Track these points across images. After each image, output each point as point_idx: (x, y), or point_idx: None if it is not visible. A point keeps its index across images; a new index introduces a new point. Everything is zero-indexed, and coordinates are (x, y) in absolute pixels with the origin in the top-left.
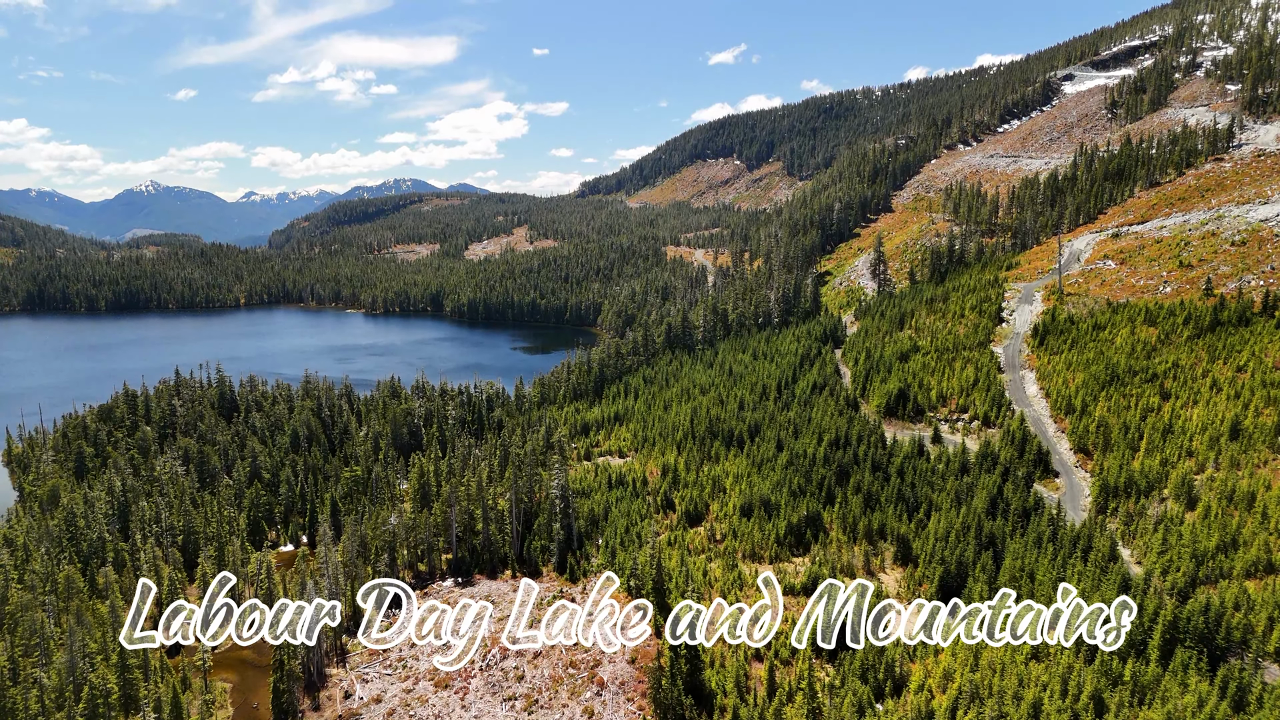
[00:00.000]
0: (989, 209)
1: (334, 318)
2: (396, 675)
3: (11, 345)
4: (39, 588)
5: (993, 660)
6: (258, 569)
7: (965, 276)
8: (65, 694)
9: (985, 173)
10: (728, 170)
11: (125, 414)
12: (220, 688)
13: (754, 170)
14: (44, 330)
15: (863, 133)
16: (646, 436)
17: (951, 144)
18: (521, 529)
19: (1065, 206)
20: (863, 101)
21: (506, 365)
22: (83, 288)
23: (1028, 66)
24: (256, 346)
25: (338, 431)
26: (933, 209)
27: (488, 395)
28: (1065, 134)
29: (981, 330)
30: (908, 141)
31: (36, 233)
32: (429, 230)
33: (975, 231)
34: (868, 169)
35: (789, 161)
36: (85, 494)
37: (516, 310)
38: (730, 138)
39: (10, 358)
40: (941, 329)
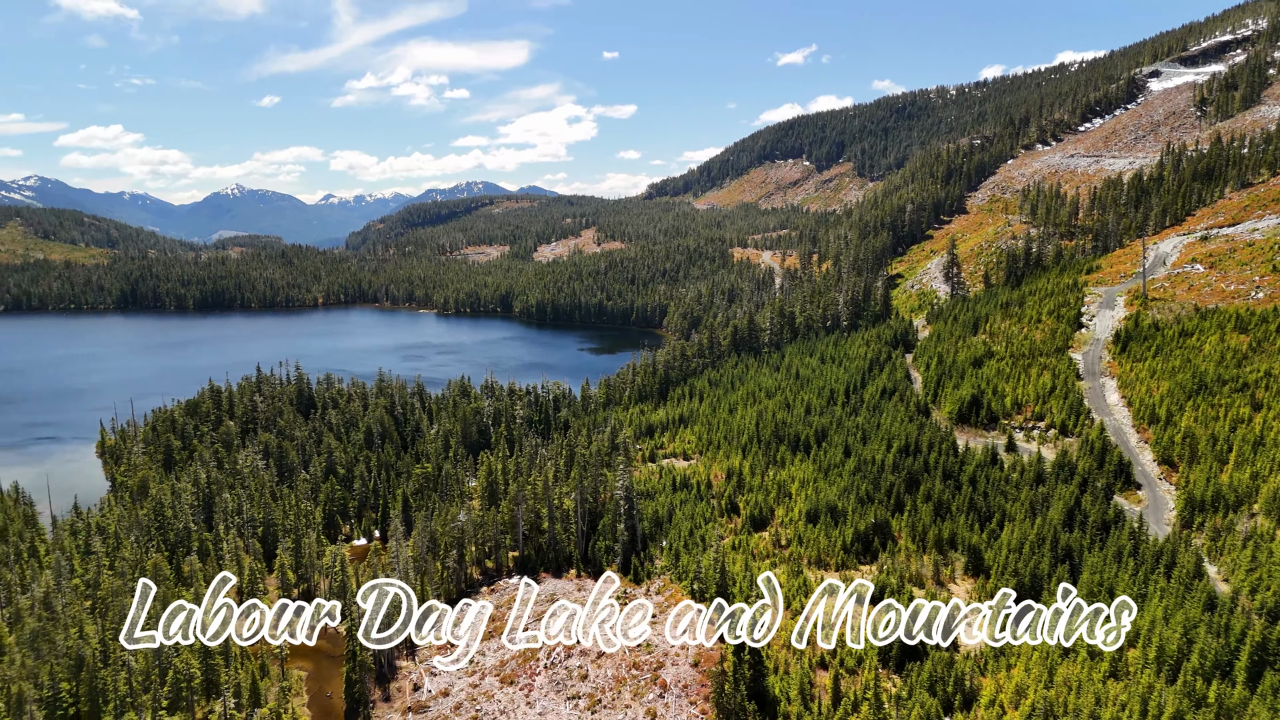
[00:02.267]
0: (1068, 211)
1: (407, 318)
2: (464, 670)
3: (105, 342)
4: (129, 574)
5: (1068, 677)
6: (332, 562)
7: (1043, 280)
8: (151, 677)
9: (1065, 173)
10: (796, 171)
11: (210, 409)
12: (296, 676)
13: (823, 171)
14: (135, 328)
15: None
16: (711, 440)
17: (1029, 144)
18: (586, 529)
19: (1150, 208)
20: (936, 101)
21: (573, 366)
22: (172, 287)
23: (1111, 63)
24: (333, 345)
25: (409, 429)
26: (1009, 211)
27: (554, 395)
28: (1151, 133)
29: (1059, 336)
30: (983, 141)
31: (130, 234)
32: (499, 232)
33: (1054, 234)
34: (941, 170)
35: (859, 162)
36: (172, 485)
37: (583, 311)
38: (799, 138)
39: (103, 354)
40: (1017, 334)
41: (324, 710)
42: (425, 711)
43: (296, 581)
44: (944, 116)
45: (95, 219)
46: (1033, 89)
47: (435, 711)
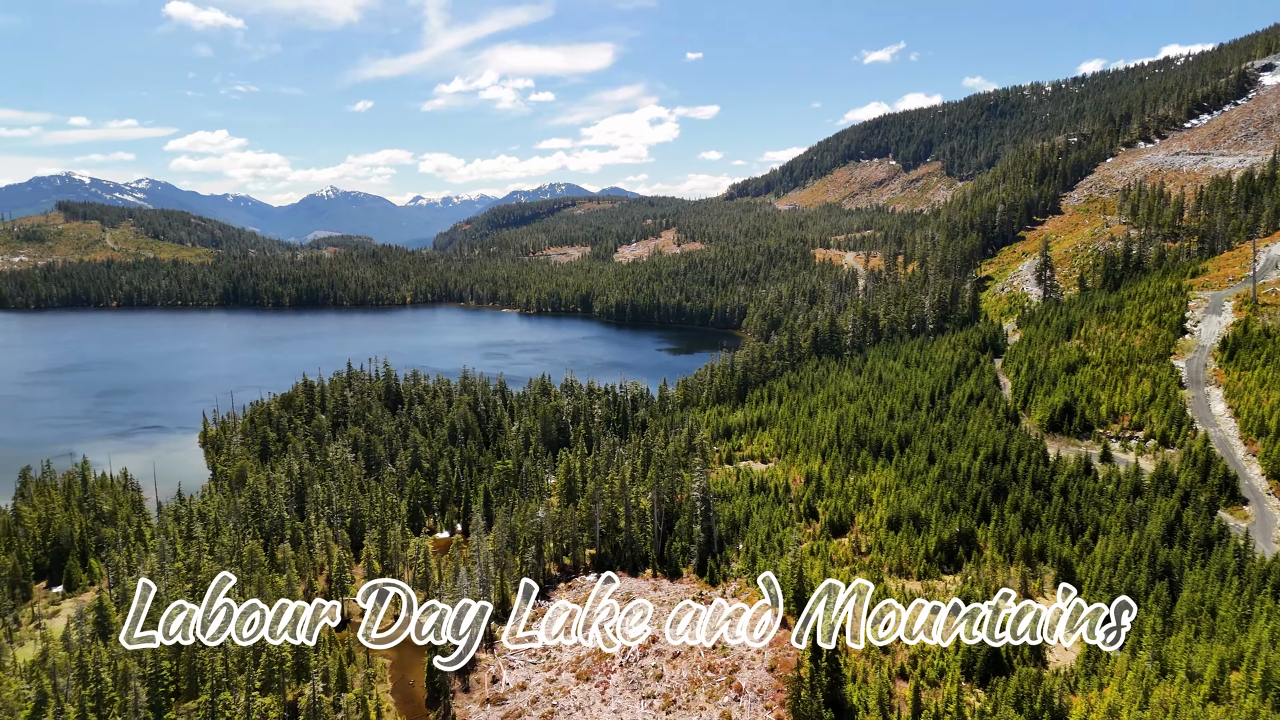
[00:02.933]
0: (1172, 211)
1: (491, 317)
2: (540, 665)
3: (208, 337)
4: (226, 559)
5: (1165, 699)
6: (416, 554)
7: (1143, 284)
8: (246, 659)
9: (1169, 172)
10: (882, 171)
11: (304, 403)
12: (380, 663)
13: (910, 171)
14: (236, 324)
15: (1030, 131)
16: (790, 443)
17: (1130, 141)
18: (663, 529)
19: (1262, 208)
20: (1030, 98)
21: (651, 366)
22: (270, 285)
23: (1220, 57)
24: (420, 343)
25: (491, 426)
26: (1107, 211)
27: (632, 395)
28: (1263, 129)
29: (1160, 342)
30: (1080, 139)
31: (232, 234)
32: (581, 233)
33: (1155, 235)
34: (1034, 169)
35: (948, 161)
36: (268, 475)
37: (662, 312)
38: (885, 137)
39: (206, 348)
40: (1114, 340)
41: (406, 697)
42: (503, 704)
43: (381, 572)
44: (1038, 114)
45: (201, 220)
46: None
47: (512, 704)
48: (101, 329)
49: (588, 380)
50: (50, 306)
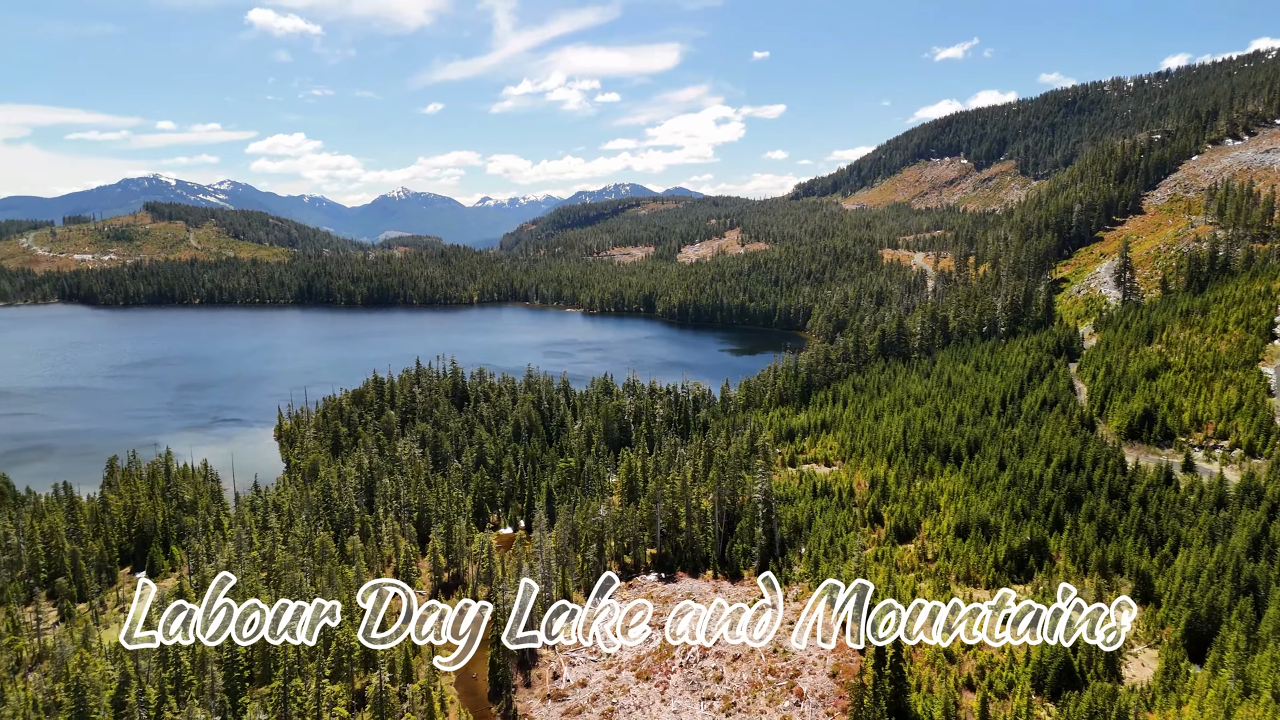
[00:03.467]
0: (1263, 211)
1: (555, 316)
2: (601, 663)
3: (283, 334)
4: (299, 550)
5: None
6: (480, 549)
7: (1230, 287)
8: (316, 647)
9: (1259, 171)
10: (953, 170)
11: (374, 399)
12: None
13: (983, 170)
14: (310, 321)
15: (1109, 128)
16: (854, 446)
17: (1218, 139)
18: (724, 531)
19: None
20: (1111, 94)
21: (713, 366)
22: (343, 284)
23: None
24: (486, 341)
25: (555, 424)
26: (1191, 211)
27: (694, 396)
28: None
29: (1248, 348)
30: (1163, 137)
31: (307, 234)
32: (644, 233)
33: (1244, 236)
34: (1114, 167)
35: (1022, 160)
36: (339, 469)
37: (725, 312)
38: (957, 136)
39: (282, 344)
40: (1198, 345)
41: (469, 690)
42: (563, 700)
43: (447, 566)
44: (1119, 110)
45: (278, 220)
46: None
47: (573, 701)
48: (184, 325)
49: (650, 380)
50: (137, 303)
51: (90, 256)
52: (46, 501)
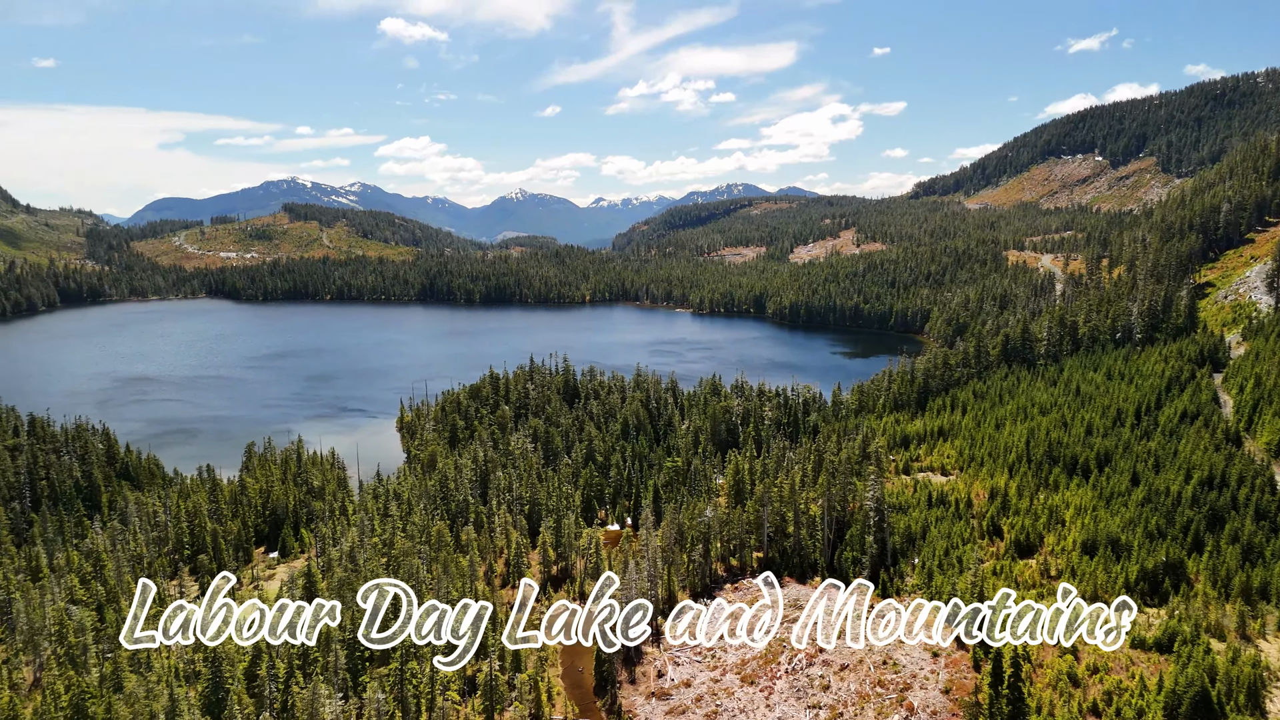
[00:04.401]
0: None
1: (664, 316)
2: (705, 664)
3: (406, 329)
4: (417, 538)
5: None
6: (588, 544)
7: None
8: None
9: None
10: (1086, 168)
11: (490, 394)
12: (553, 649)
13: (1119, 167)
14: (431, 318)
15: (1264, 122)
16: (973, 455)
17: None
18: (833, 537)
19: None
20: (1265, 85)
21: (824, 369)
22: (462, 283)
23: None
24: (596, 340)
25: (663, 423)
26: None
27: (804, 399)
28: None
29: None
30: None
31: (430, 234)
32: (756, 233)
33: None
34: (1268, 164)
35: (1164, 157)
36: (455, 461)
37: (838, 314)
38: (1091, 131)
39: (404, 340)
40: None
41: (575, 683)
42: (667, 699)
43: (556, 559)
44: (1274, 103)
45: (404, 220)
46: None
47: (677, 700)
48: (315, 320)
49: (758, 381)
50: (275, 298)
51: (234, 254)
52: (191, 483)
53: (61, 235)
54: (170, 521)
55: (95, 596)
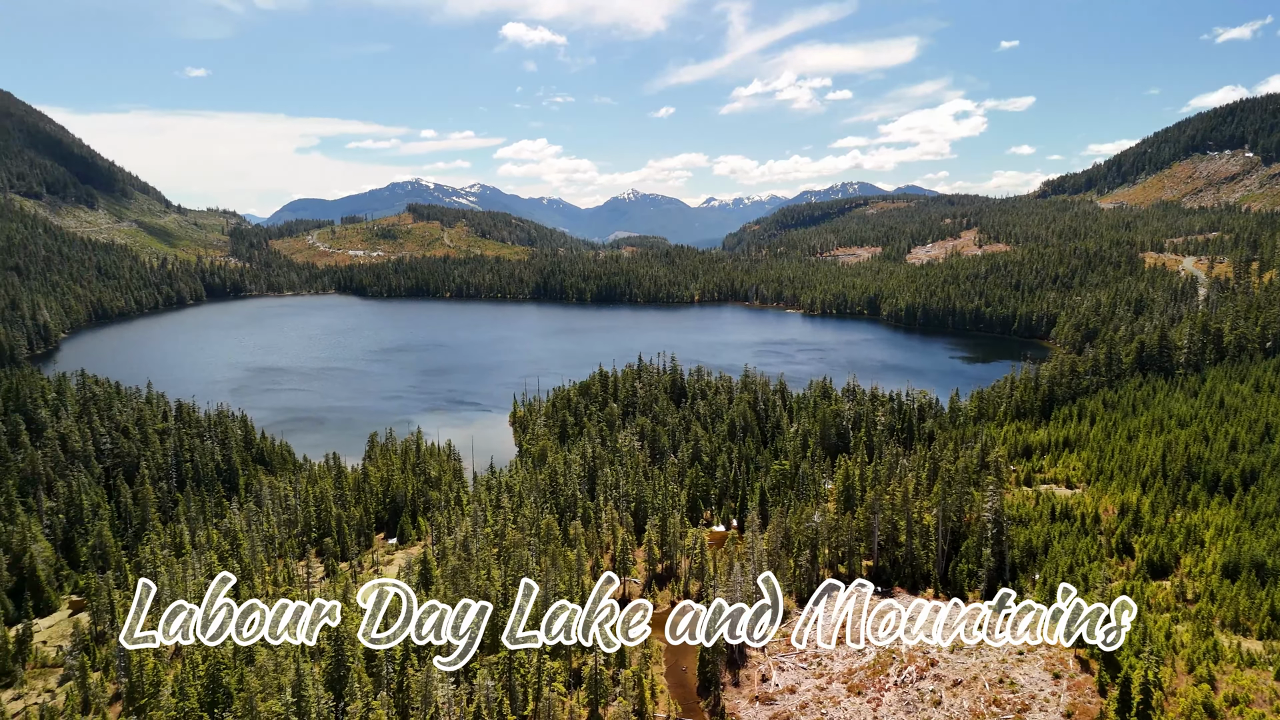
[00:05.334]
0: None
1: (774, 316)
2: (811, 670)
3: (519, 326)
4: (527, 530)
5: None
6: (693, 544)
7: None
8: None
9: None
10: (1235, 164)
11: (598, 391)
12: (656, 645)
13: (1272, 164)
14: (544, 316)
15: None
16: (1102, 468)
17: None
18: (947, 548)
19: None
20: None
21: (942, 374)
22: (574, 281)
23: None
24: (704, 339)
25: (770, 425)
26: None
27: (919, 404)
28: None
29: None
30: None
31: (545, 234)
32: (871, 233)
33: None
34: None
35: None
36: (565, 456)
37: (957, 317)
38: (1241, 125)
39: (518, 336)
40: None
41: (678, 681)
42: (771, 704)
43: (661, 558)
44: None
45: (520, 221)
46: None
47: (781, 706)
48: (434, 316)
49: (871, 385)
50: (398, 295)
51: (361, 253)
52: (319, 469)
53: (208, 234)
54: (299, 505)
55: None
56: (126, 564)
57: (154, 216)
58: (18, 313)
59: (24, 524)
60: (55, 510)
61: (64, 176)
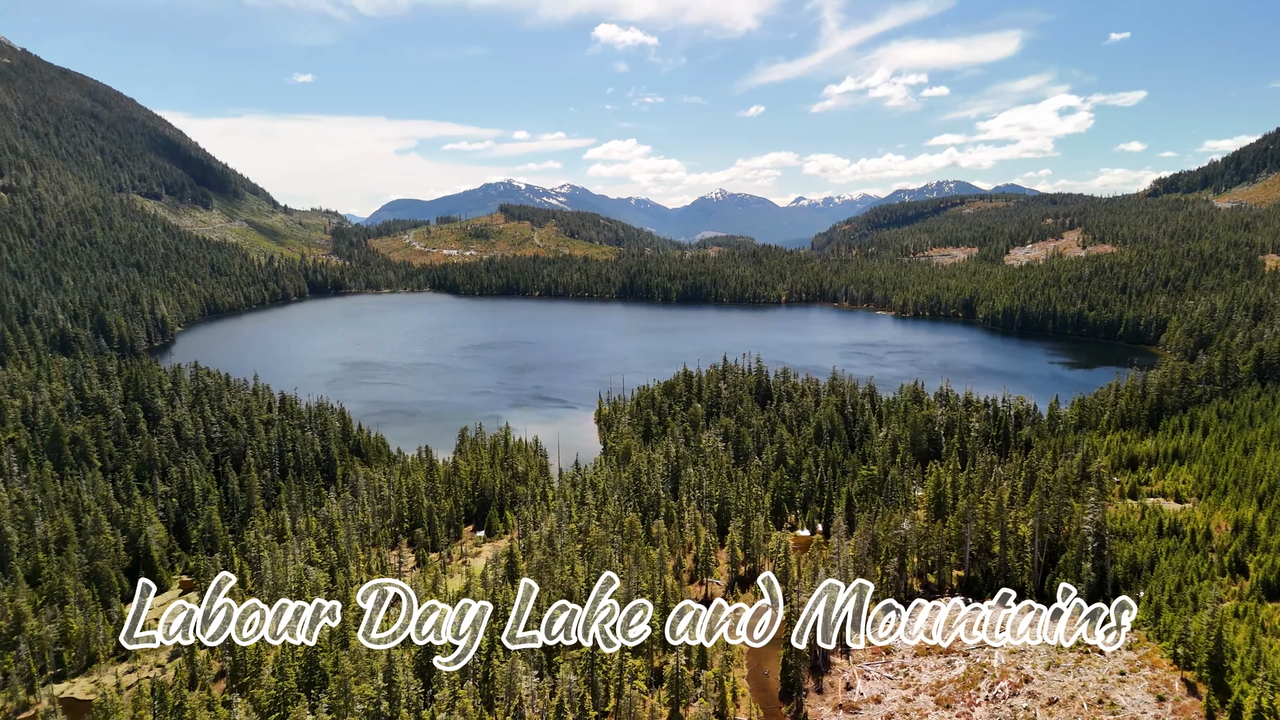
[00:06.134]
0: None
1: (864, 318)
2: (897, 681)
3: (605, 325)
4: (610, 527)
5: None
6: (777, 547)
7: None
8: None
9: None
10: None
11: (682, 391)
12: (739, 649)
13: None
14: (630, 315)
15: None
16: (1215, 482)
17: None
18: (1044, 561)
19: None
20: None
21: (1040, 380)
22: (660, 281)
23: None
24: (790, 340)
25: (858, 429)
26: None
27: (1016, 411)
28: None
29: None
30: None
31: (632, 234)
32: (967, 234)
33: None
34: None
35: None
36: (649, 455)
37: (1058, 321)
38: None
39: (603, 335)
40: None
41: (760, 686)
42: (855, 713)
43: (744, 560)
44: None
45: (608, 221)
46: None
47: (865, 715)
48: (523, 314)
49: (965, 390)
50: (489, 294)
51: (455, 252)
52: (411, 461)
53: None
54: (393, 496)
55: (329, 560)
56: (233, 547)
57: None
58: (138, 307)
59: (140, 507)
60: (169, 494)
61: (182, 178)
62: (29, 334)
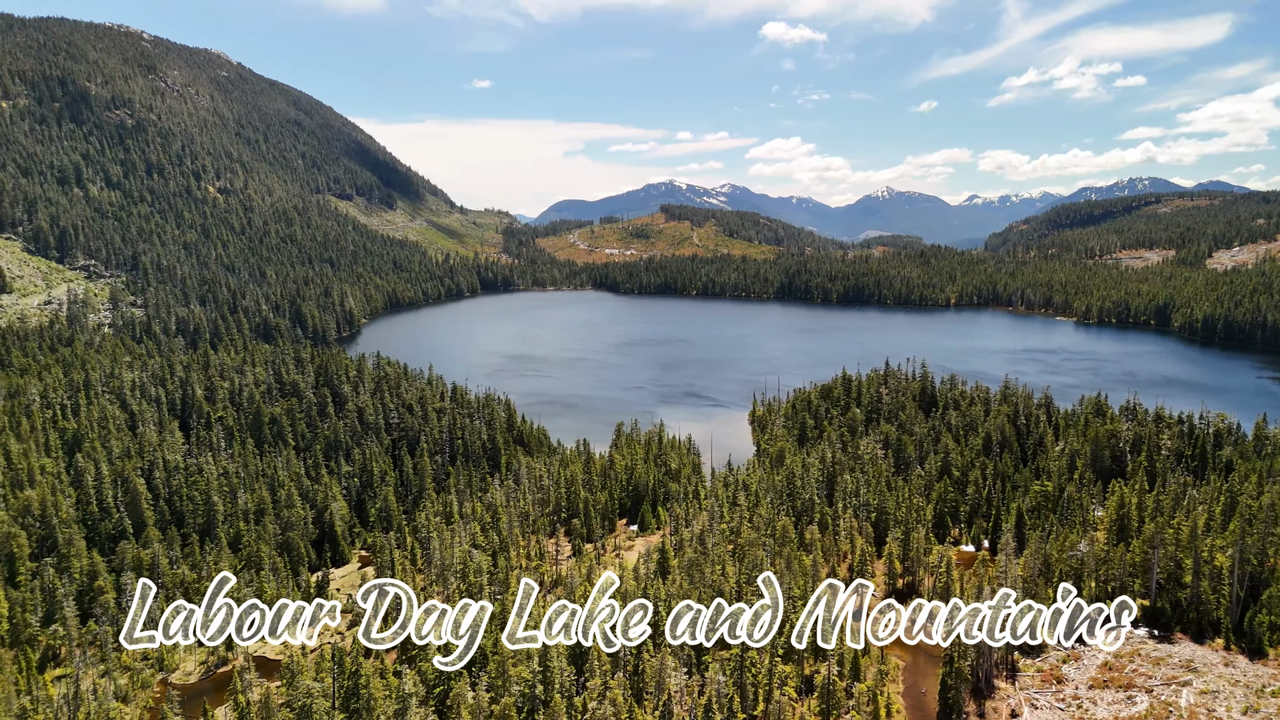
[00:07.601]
0: None
1: (1041, 324)
2: (1069, 713)
3: (761, 325)
4: (762, 530)
5: None
6: (938, 562)
7: None
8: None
9: None
10: None
11: (841, 395)
12: (894, 663)
13: None
14: (787, 315)
15: None
16: None
17: None
18: (1244, 596)
19: None
20: None
21: (1246, 395)
22: (820, 281)
23: None
24: (959, 346)
25: (1031, 442)
26: None
27: (1216, 429)
28: None
29: None
30: None
31: (792, 233)
32: (1163, 234)
33: None
34: None
35: None
36: (803, 459)
37: (1268, 331)
38: None
39: (759, 335)
40: None
41: (916, 704)
42: None
43: (902, 573)
44: None
45: (768, 220)
46: None
47: None
48: (680, 312)
49: (1155, 404)
50: (648, 292)
51: (616, 251)
52: (570, 453)
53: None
54: (552, 486)
55: (491, 544)
56: (405, 527)
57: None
58: (329, 299)
59: (327, 485)
60: (351, 474)
61: (370, 181)
62: (238, 322)
